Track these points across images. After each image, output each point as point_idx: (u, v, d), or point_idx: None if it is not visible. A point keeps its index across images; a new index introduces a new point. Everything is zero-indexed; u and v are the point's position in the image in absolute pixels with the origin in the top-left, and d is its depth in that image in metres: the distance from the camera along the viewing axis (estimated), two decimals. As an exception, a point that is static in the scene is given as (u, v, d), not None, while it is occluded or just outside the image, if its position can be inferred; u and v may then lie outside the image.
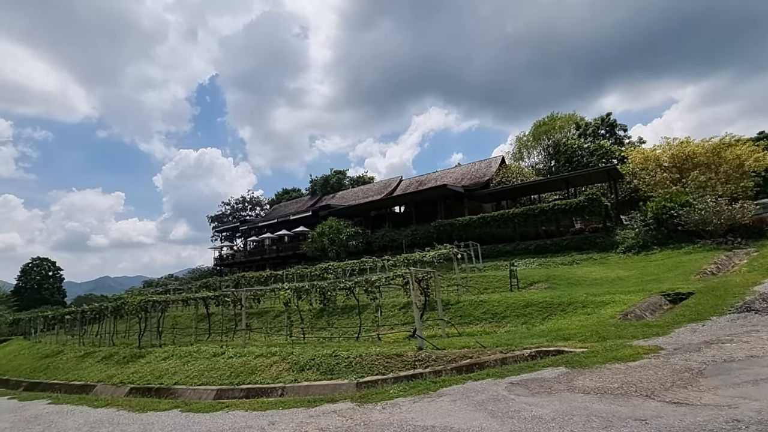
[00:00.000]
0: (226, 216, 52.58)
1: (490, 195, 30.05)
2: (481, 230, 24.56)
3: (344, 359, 7.67)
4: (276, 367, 8.23)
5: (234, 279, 18.86)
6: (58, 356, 14.37)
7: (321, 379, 7.27)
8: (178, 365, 9.85)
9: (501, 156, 35.04)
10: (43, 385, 11.55)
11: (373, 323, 12.85)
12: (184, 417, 5.84)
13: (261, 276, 18.39)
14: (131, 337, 16.53)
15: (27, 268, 57.60)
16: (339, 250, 28.23)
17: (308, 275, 17.71)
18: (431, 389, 5.34)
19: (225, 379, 8.27)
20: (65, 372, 12.19)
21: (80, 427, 5.94)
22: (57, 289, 59.37)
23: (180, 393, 8.35)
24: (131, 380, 9.76)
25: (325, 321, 14.53)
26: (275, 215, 43.99)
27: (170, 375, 9.39)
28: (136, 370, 10.36)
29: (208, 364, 9.32)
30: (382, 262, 16.38)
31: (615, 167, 24.66)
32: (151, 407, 6.74)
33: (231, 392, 7.70)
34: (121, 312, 13.64)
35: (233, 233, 46.51)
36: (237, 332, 14.43)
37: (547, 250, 21.37)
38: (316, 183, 48.40)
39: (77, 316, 16.51)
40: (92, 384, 10.38)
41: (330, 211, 33.18)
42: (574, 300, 10.79)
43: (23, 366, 14.79)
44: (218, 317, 16.70)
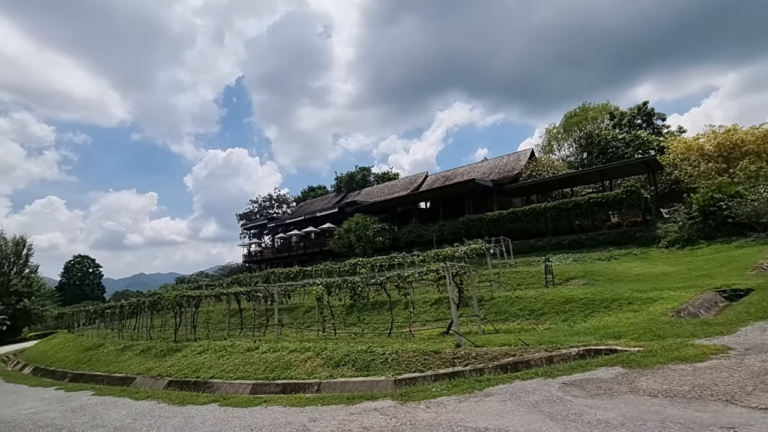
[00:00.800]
0: (254, 214, 53.58)
1: (519, 189, 29.24)
2: (511, 225, 23.90)
3: (380, 355, 7.49)
4: (311, 362, 8.14)
5: (264, 275, 19.07)
6: (100, 349, 14.86)
7: (357, 376, 7.12)
8: (213, 359, 9.95)
9: (530, 149, 34.04)
10: (87, 377, 11.93)
11: (404, 320, 12.65)
12: (223, 411, 5.80)
13: (290, 272, 18.51)
14: (167, 331, 16.96)
15: (69, 265, 60.59)
16: (366, 247, 28.18)
17: (337, 271, 17.69)
18: (476, 388, 5.08)
19: (260, 374, 8.25)
20: (106, 364, 12.56)
21: (123, 418, 6.00)
22: (97, 285, 62.18)
23: (216, 387, 8.40)
24: (169, 373, 9.93)
25: (356, 317, 14.45)
26: (301, 212, 44.43)
27: (206, 369, 9.49)
28: (173, 363, 10.54)
29: (243, 358, 9.36)
30: (411, 258, 16.14)
31: (654, 158, 23.45)
32: (190, 400, 6.77)
33: (266, 387, 7.66)
34: (158, 307, 13.97)
35: (261, 230, 47.33)
36: (269, 327, 14.56)
37: (582, 245, 20.56)
38: (341, 180, 48.56)
39: (116, 311, 17.07)
40: (132, 376, 10.62)
41: (356, 207, 33.15)
42: (618, 296, 10.24)
43: (68, 358, 15.38)
44: (249, 312, 16.93)
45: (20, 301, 41.34)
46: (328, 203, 44.69)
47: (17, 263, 43.70)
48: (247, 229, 48.14)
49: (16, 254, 43.65)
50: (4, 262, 42.65)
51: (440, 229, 27.44)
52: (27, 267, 44.69)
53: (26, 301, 41.86)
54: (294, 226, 39.79)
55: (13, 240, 43.92)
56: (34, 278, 45.32)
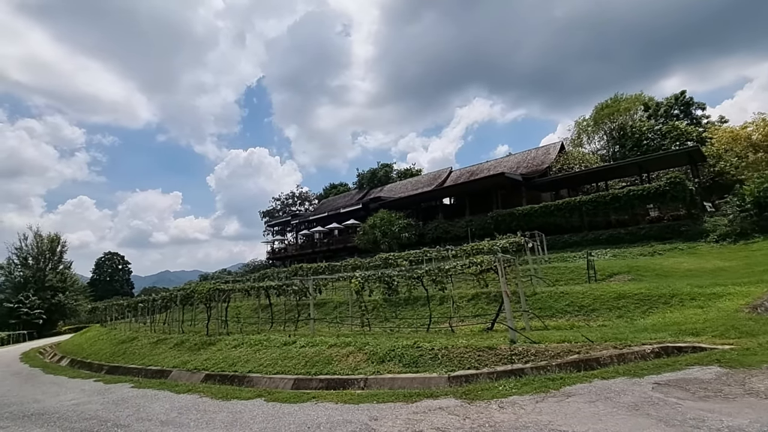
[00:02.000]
0: (277, 211, 53.92)
1: (549, 183, 28.29)
2: (543, 220, 23.07)
3: (428, 351, 7.06)
4: (353, 357, 7.78)
5: (292, 270, 18.93)
6: (133, 342, 14.93)
7: (405, 372, 6.71)
8: (249, 353, 9.72)
9: (560, 142, 32.92)
10: (123, 369, 11.92)
11: (441, 315, 12.17)
12: (271, 407, 5.48)
13: (318, 267, 18.29)
14: (196, 325, 16.98)
15: (100, 261, 62.45)
16: (391, 242, 27.76)
17: (366, 266, 17.34)
18: (551, 387, 4.59)
19: (300, 369, 7.94)
20: (141, 357, 12.54)
21: (167, 412, 5.76)
22: (126, 281, 63.92)
23: (256, 381, 8.14)
24: (205, 367, 9.75)
25: (389, 312, 14.06)
26: (324, 209, 44.37)
27: (243, 363, 9.26)
28: (208, 357, 10.37)
29: (280, 353, 9.08)
30: (445, 252, 15.63)
31: (697, 148, 22.18)
32: (233, 395, 6.49)
33: (309, 382, 7.34)
34: (190, 300, 13.91)
35: (284, 227, 47.55)
36: (300, 322, 14.35)
37: (621, 240, 19.62)
38: (363, 177, 48.27)
39: (148, 305, 17.19)
40: (168, 369, 10.51)
41: (380, 203, 32.78)
42: (677, 292, 9.52)
43: (103, 350, 15.52)
44: (278, 308, 16.78)
45: (55, 296, 42.79)
46: (351, 200, 44.48)
47: (52, 259, 45.25)
48: (271, 226, 48.45)
49: (51, 251, 45.20)
50: (40, 258, 44.22)
51: (467, 224, 26.80)
52: (61, 263, 46.25)
53: (61, 295, 43.30)
54: (317, 223, 39.74)
55: (48, 237, 45.50)
56: (68, 274, 46.86)
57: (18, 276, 43.07)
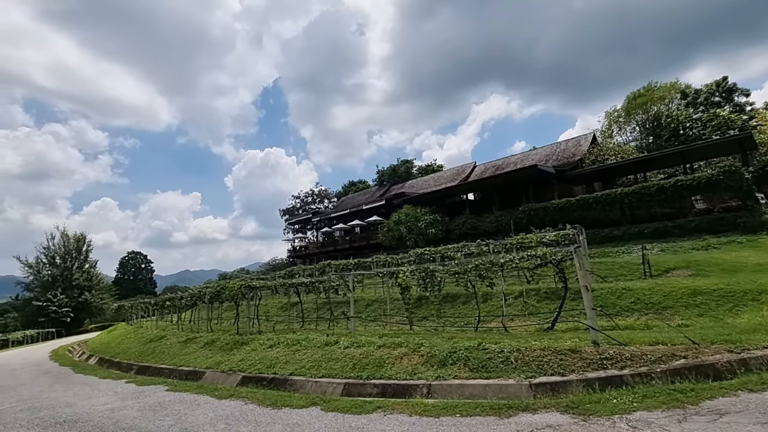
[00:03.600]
0: (297, 209, 53.59)
1: (582, 176, 27.01)
2: (579, 214, 21.87)
3: (497, 354, 6.24)
4: (407, 359, 7.02)
5: (320, 267, 18.31)
6: (162, 341, 14.50)
7: (474, 377, 5.91)
8: (287, 354, 9.07)
9: (591, 133, 31.48)
10: (153, 369, 11.44)
11: (486, 314, 11.31)
12: (333, 419, 4.75)
13: (348, 263, 17.61)
14: (223, 324, 16.49)
15: (124, 260, 63.37)
16: (417, 239, 26.94)
17: (398, 262, 16.57)
18: (684, 401, 3.73)
19: (348, 372, 7.22)
20: (171, 357, 12.05)
21: (213, 422, 5.09)
22: (149, 279, 64.71)
23: (300, 385, 7.46)
24: (240, 368, 9.14)
25: (427, 310, 13.26)
26: (344, 206, 43.78)
27: (282, 364, 8.60)
28: (243, 357, 9.76)
29: (323, 353, 8.39)
30: (487, 247, 14.74)
31: (750, 135, 20.63)
32: (283, 402, 5.80)
33: (361, 387, 6.61)
34: (221, 297, 13.37)
35: (304, 225, 47.14)
36: (331, 321, 13.69)
37: (668, 234, 18.35)
38: (383, 173, 47.51)
39: (177, 302, 16.79)
40: (201, 370, 9.95)
41: (404, 199, 31.95)
42: (765, 288, 8.45)
43: (131, 349, 15.15)
44: (306, 305, 16.19)
45: (82, 295, 43.36)
46: (371, 197, 43.79)
47: (78, 258, 45.90)
48: (292, 224, 48.10)
49: (77, 250, 45.84)
50: (67, 257, 44.89)
51: (497, 219, 25.77)
52: (87, 262, 46.88)
53: (87, 294, 43.86)
54: (338, 220, 39.16)
55: (74, 237, 46.16)
56: (94, 273, 47.49)
57: (46, 275, 43.80)
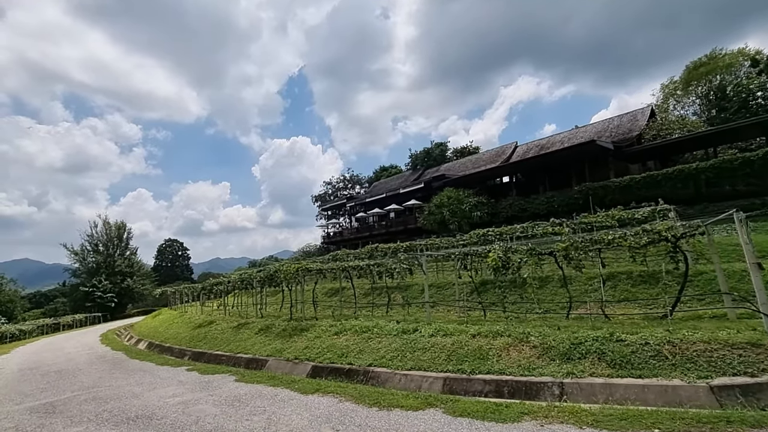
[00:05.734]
0: (329, 195, 53.04)
1: (643, 152, 24.92)
2: (645, 192, 19.99)
3: (640, 346, 5.08)
4: (515, 351, 5.96)
5: (366, 251, 17.45)
6: (211, 326, 14.03)
7: (620, 376, 4.78)
8: (358, 342, 8.19)
9: (649, 107, 29.00)
10: (209, 356, 10.88)
11: (566, 300, 10.07)
12: (473, 428, 3.74)
13: (399, 247, 16.64)
14: (268, 308, 15.87)
15: (162, 248, 64.97)
16: (461, 222, 25.66)
17: (453, 244, 15.45)
18: None
19: (443, 364, 6.23)
20: (226, 343, 11.46)
21: (316, 427, 4.18)
22: (185, 266, 66.20)
23: (384, 378, 6.54)
24: (307, 357, 8.34)
25: (494, 296, 12.12)
26: (378, 191, 42.79)
27: (356, 354, 7.73)
28: (307, 345, 8.97)
29: (402, 342, 7.44)
30: (559, 228, 13.38)
31: None
32: (386, 401, 4.86)
33: (467, 384, 5.60)
34: (274, 281, 12.68)
35: (337, 211, 46.54)
36: (382, 307, 12.82)
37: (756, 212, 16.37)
38: (416, 157, 46.13)
39: (223, 287, 16.33)
40: (262, 358, 9.24)
41: (444, 181, 30.62)
42: None
43: (181, 335, 14.78)
44: (350, 291, 15.44)
45: (124, 281, 44.51)
46: (405, 181, 42.59)
47: (120, 246, 47.07)
48: (325, 210, 47.60)
49: (118, 237, 46.99)
50: (109, 244, 46.10)
51: (548, 200, 24.14)
52: (128, 249, 48.05)
53: (129, 280, 45.00)
54: (373, 205, 38.24)
55: (115, 224, 47.31)
56: (134, 260, 48.68)
57: (91, 262, 45.15)
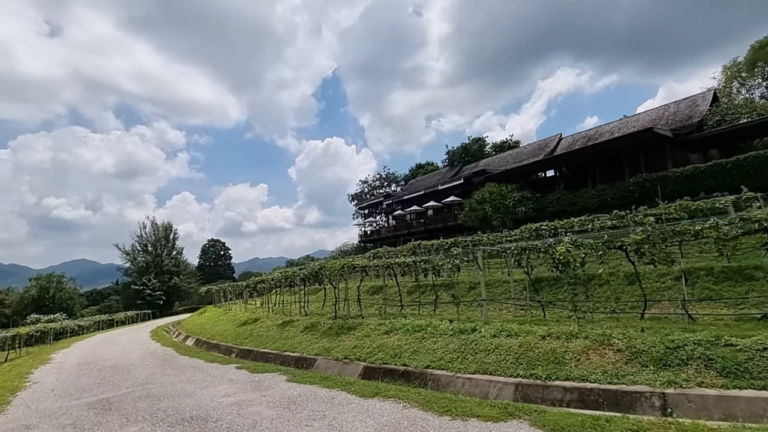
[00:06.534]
0: (365, 194, 53.00)
1: (707, 140, 22.88)
2: (711, 182, 18.27)
3: (758, 351, 4.29)
4: (596, 355, 5.28)
5: (409, 248, 16.99)
6: (256, 324, 14.03)
7: (739, 387, 4.04)
8: (411, 342, 7.72)
9: (711, 91, 26.68)
10: (255, 353, 10.77)
11: (638, 298, 9.14)
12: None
13: (443, 244, 16.04)
14: (310, 306, 15.72)
15: (205, 248, 67.47)
16: (504, 218, 24.62)
17: (501, 240, 14.67)
18: None
19: (512, 368, 5.65)
20: (271, 341, 11.34)
21: (382, 435, 3.76)
22: (227, 265, 68.40)
23: (445, 382, 6.04)
24: (357, 356, 7.97)
25: (551, 293, 11.31)
26: (415, 188, 42.18)
27: (409, 354, 7.27)
28: (356, 344, 8.61)
29: (460, 343, 6.90)
30: (643, 217, 12.16)
31: None
32: (457, 408, 4.36)
33: (544, 391, 5.00)
34: (318, 278, 12.48)
35: (374, 209, 46.36)
36: (428, 305, 12.29)
37: None
38: (453, 153, 45.12)
39: (266, 285, 16.38)
40: (310, 357, 8.97)
41: (485, 177, 29.59)
42: None
43: (227, 332, 14.91)
44: (393, 289, 15.01)
45: (171, 279, 46.44)
46: (442, 178, 41.74)
47: (167, 246, 49.16)
48: (362, 208, 47.56)
49: (165, 238, 49.11)
50: (157, 244, 48.26)
51: (599, 194, 22.67)
52: (174, 249, 50.11)
53: (176, 279, 46.90)
54: (411, 203, 37.69)
55: (162, 225, 49.48)
56: (180, 259, 50.71)
57: (141, 261, 47.46)
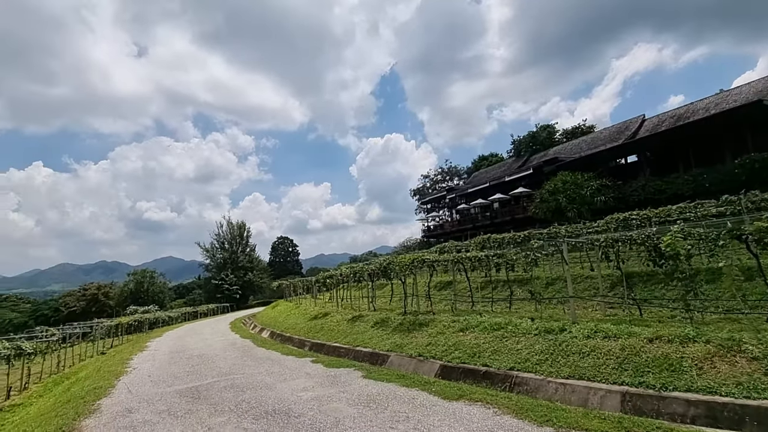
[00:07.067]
0: (427, 188, 52.42)
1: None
2: None
3: None
4: (723, 363, 4.44)
5: (479, 242, 16.26)
6: (327, 318, 14.24)
7: None
8: (490, 341, 7.22)
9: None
10: (328, 347, 10.85)
11: (755, 297, 7.76)
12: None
13: (515, 237, 15.12)
14: (377, 301, 15.61)
15: (275, 245, 71.21)
16: (581, 209, 22.81)
17: (581, 232, 13.47)
18: None
19: (613, 375, 4.96)
20: (342, 335, 11.38)
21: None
22: (296, 261, 71.58)
23: (533, 386, 5.50)
24: (432, 354, 7.63)
25: (644, 290, 10.10)
26: (479, 181, 40.77)
27: (489, 354, 6.78)
28: (429, 341, 8.28)
29: (547, 344, 6.28)
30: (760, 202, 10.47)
31: None
32: (561, 419, 3.86)
33: (658, 403, 4.29)
34: (387, 273, 12.35)
35: (436, 204, 45.64)
36: (501, 302, 11.56)
37: None
38: (520, 142, 42.93)
39: (334, 280, 16.64)
40: (382, 353, 8.80)
41: (557, 165, 27.66)
42: None
43: (298, 325, 15.32)
44: (463, 285, 14.44)
45: (246, 275, 49.53)
46: (508, 169, 39.88)
47: (241, 243, 52.53)
48: (425, 203, 47.07)
49: (240, 236, 52.50)
50: (233, 242, 51.75)
51: (694, 179, 20.14)
52: (248, 246, 53.39)
53: (250, 274, 49.96)
54: (475, 196, 36.47)
55: (237, 224, 52.96)
56: (254, 256, 53.91)
57: (219, 258, 51.21)
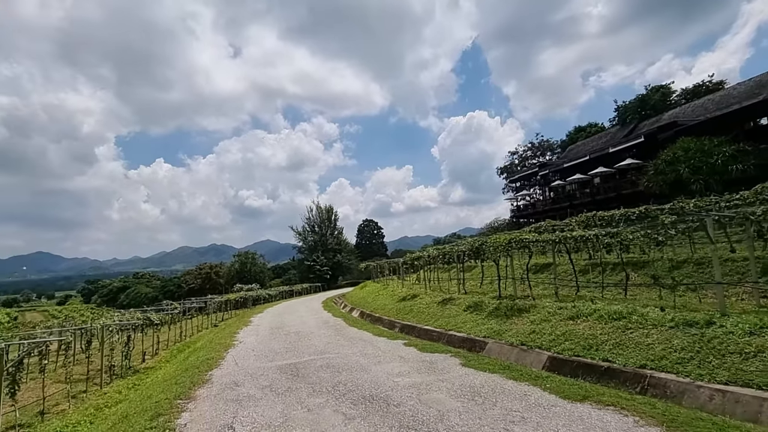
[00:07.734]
0: (515, 166, 49.22)
1: None
2: None
3: None
4: None
5: (582, 220, 14.53)
6: (415, 300, 14.01)
7: None
8: (608, 332, 6.23)
9: None
10: (419, 330, 10.58)
11: None
12: None
13: (629, 213, 13.16)
14: (467, 283, 14.87)
15: (361, 227, 73.46)
16: (709, 180, 19.28)
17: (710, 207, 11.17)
18: None
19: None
20: (433, 318, 11.02)
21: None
22: (381, 244, 73.18)
23: (676, 390, 4.52)
24: (537, 344, 6.86)
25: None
26: (574, 156, 36.98)
27: (610, 348, 5.83)
28: (533, 329, 7.48)
29: (689, 339, 5.16)
30: None
31: None
32: None
33: None
34: (480, 253, 11.65)
35: (525, 183, 42.65)
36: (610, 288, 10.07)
37: None
38: (626, 108, 37.87)
39: (422, 262, 16.31)
40: (478, 339, 8.22)
41: (677, 130, 23.75)
42: None
43: (387, 306, 15.33)
44: (563, 268, 13.06)
45: (335, 256, 51.86)
46: (612, 139, 35.47)
47: (329, 226, 55.00)
48: (513, 181, 44.30)
49: (328, 219, 54.98)
50: (322, 225, 54.43)
51: None
52: (336, 229, 55.74)
53: (339, 256, 52.20)
54: (572, 171, 33.17)
55: (325, 208, 55.48)
56: (342, 239, 56.17)
57: (310, 240, 54.31)
